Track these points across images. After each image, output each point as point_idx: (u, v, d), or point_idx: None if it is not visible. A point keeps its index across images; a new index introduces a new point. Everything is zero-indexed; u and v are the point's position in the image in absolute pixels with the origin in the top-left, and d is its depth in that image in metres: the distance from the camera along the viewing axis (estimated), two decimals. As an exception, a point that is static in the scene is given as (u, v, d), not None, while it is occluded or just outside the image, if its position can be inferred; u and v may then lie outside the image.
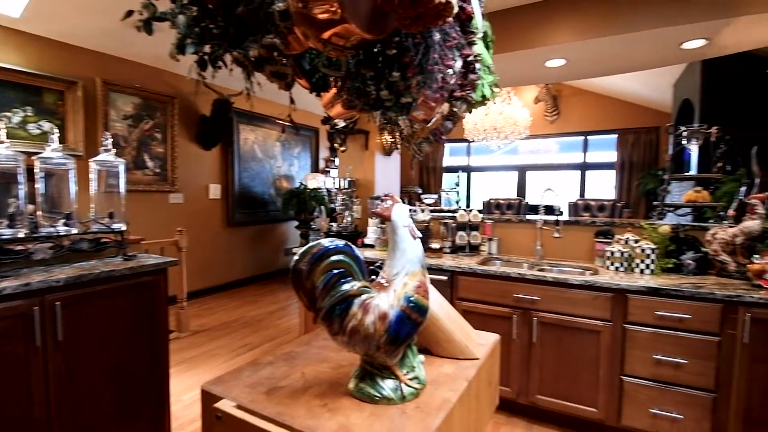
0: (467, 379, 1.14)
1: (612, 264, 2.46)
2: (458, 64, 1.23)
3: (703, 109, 4.47)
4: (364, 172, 3.49)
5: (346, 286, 0.95)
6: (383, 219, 1.03)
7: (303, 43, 1.00)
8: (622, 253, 2.42)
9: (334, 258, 0.94)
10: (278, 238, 5.89)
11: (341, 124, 1.72)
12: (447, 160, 9.03)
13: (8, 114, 3.42)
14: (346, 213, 3.28)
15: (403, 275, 1.01)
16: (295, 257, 0.91)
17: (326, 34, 0.92)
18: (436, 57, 0.91)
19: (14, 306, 1.56)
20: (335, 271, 0.93)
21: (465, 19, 1.22)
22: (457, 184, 4.71)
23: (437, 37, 0.93)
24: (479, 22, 1.22)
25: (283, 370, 1.21)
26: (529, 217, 3.09)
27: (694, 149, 2.64)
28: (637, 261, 2.38)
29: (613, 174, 7.38)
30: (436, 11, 0.77)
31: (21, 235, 1.74)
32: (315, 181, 5.31)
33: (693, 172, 3.70)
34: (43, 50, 3.60)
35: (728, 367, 1.97)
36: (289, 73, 1.03)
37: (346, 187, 3.34)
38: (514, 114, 6.35)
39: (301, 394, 1.06)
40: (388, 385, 1.01)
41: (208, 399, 1.10)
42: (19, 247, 1.79)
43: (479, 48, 1.34)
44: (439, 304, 1.33)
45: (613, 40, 2.85)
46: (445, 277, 2.61)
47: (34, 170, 1.84)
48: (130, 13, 1.18)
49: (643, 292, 2.10)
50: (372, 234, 3.21)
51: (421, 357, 1.13)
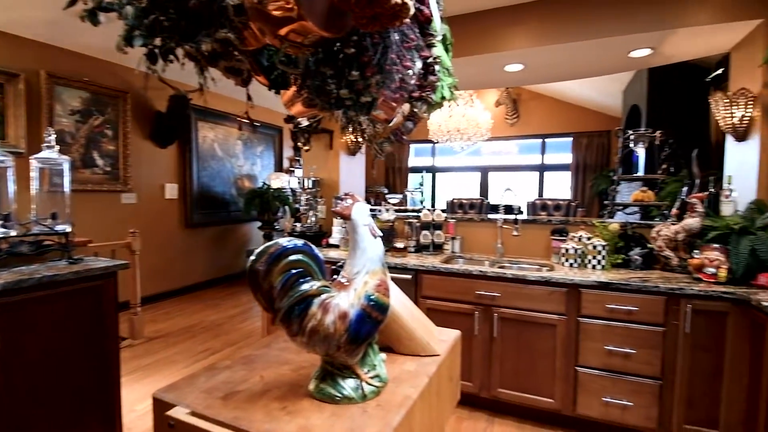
0: (428, 376, 1.15)
1: (567, 260, 2.57)
2: (418, 66, 1.25)
3: (650, 115, 4.77)
4: (329, 171, 3.46)
5: (305, 286, 0.94)
6: (343, 218, 1.03)
7: (260, 39, 0.98)
8: (576, 250, 2.53)
9: (293, 258, 0.92)
10: (240, 239, 5.73)
11: (305, 123, 1.70)
12: (412, 161, 9.12)
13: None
14: (311, 213, 3.24)
15: (363, 274, 1.01)
16: (252, 257, 0.89)
17: (283, 31, 0.90)
18: (394, 57, 0.91)
19: (-59, 316, 1.43)
20: (294, 271, 0.92)
21: (424, 21, 1.24)
22: (421, 184, 4.77)
23: (396, 37, 0.94)
24: (438, 25, 1.24)
25: (242, 374, 1.18)
26: (490, 216, 3.18)
27: (640, 152, 2.81)
28: (590, 257, 2.50)
29: (569, 175, 7.72)
30: (392, 12, 0.78)
31: (-51, 238, 1.60)
32: (279, 181, 5.21)
33: (640, 173, 3.93)
34: (-23, 38, 3.32)
35: (672, 355, 2.10)
36: (245, 69, 1.01)
37: (311, 186, 3.30)
38: (477, 116, 6.51)
39: (259, 398, 1.03)
40: (349, 385, 1.01)
41: (160, 407, 1.05)
42: (-52, 252, 1.64)
43: (438, 50, 1.36)
44: (401, 303, 1.34)
45: (567, 47, 2.99)
46: (410, 276, 2.64)
47: (-35, 168, 1.69)
48: (73, 2, 1.11)
49: (595, 286, 2.22)
50: (337, 234, 3.19)
51: (383, 355, 1.14)
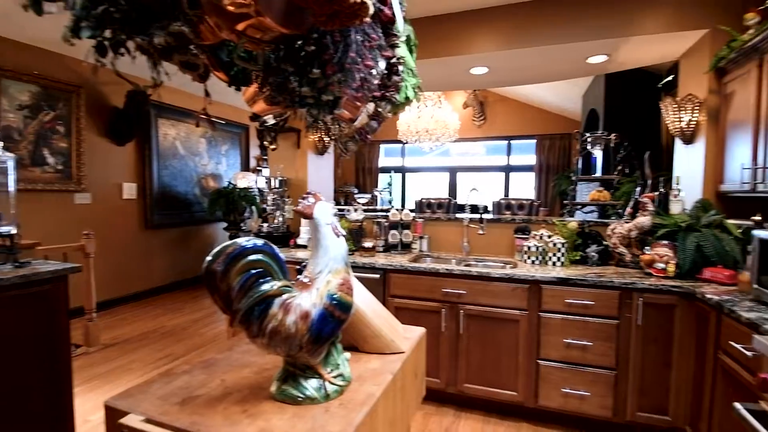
0: (392, 373, 1.16)
1: (529, 258, 2.66)
2: (381, 65, 1.25)
3: (606, 118, 5.00)
4: (296, 171, 3.41)
5: (265, 287, 0.92)
6: (305, 217, 1.02)
7: (217, 34, 0.95)
8: (538, 248, 2.62)
9: (252, 258, 0.91)
10: (204, 240, 5.55)
11: (271, 121, 1.67)
12: (382, 161, 9.14)
13: None
14: (278, 213, 3.18)
15: (326, 273, 1.01)
16: (209, 258, 0.87)
17: (240, 26, 0.89)
18: (353, 55, 0.92)
19: None
20: (253, 271, 0.90)
21: (387, 21, 1.25)
22: (390, 184, 4.79)
23: (357, 36, 0.94)
24: (401, 26, 1.25)
25: (201, 379, 1.15)
26: (457, 215, 3.23)
27: (597, 154, 2.94)
28: (550, 254, 2.59)
29: (533, 176, 7.98)
30: (351, 10, 0.78)
31: None
32: (245, 180, 5.09)
33: (598, 174, 4.12)
34: None
35: (626, 346, 2.22)
36: (201, 63, 0.98)
37: (277, 186, 3.24)
38: (445, 117, 6.62)
39: (219, 402, 1.01)
40: (311, 385, 1.00)
41: (113, 415, 1.01)
42: None
43: (402, 51, 1.38)
44: (366, 301, 1.34)
45: (528, 51, 3.08)
46: (378, 275, 2.64)
47: None
48: (14, -12, 1.04)
49: (555, 282, 2.30)
50: (305, 234, 3.15)
51: (347, 354, 1.14)
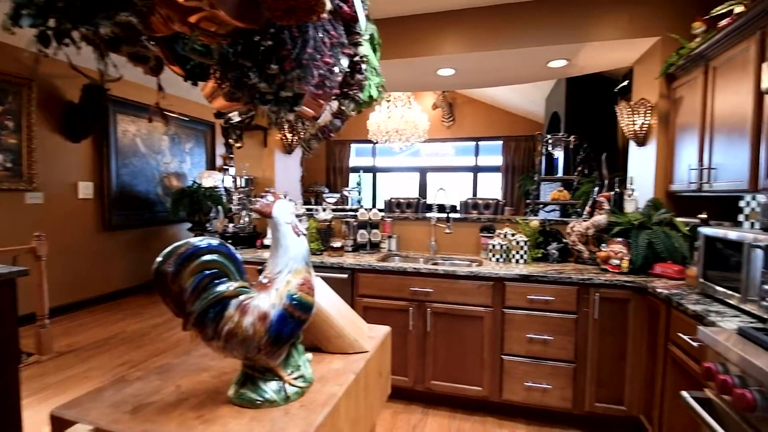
0: (355, 373, 1.16)
1: (494, 256, 2.72)
2: (344, 63, 1.25)
3: (567, 121, 5.19)
4: (263, 170, 3.35)
5: (220, 288, 0.90)
6: (264, 216, 1.00)
7: (169, 26, 0.92)
8: (502, 246, 2.69)
9: (207, 258, 0.88)
10: (167, 241, 5.35)
11: (236, 118, 1.63)
12: (353, 161, 9.12)
13: None
14: (243, 213, 3.11)
15: (286, 273, 0.99)
16: (159, 259, 0.84)
17: (193, 19, 0.86)
18: (311, 51, 0.91)
19: None
20: (207, 272, 0.88)
21: (349, 19, 1.24)
22: (359, 184, 4.78)
23: (315, 32, 0.93)
24: (363, 24, 1.25)
25: (155, 385, 1.11)
26: (424, 215, 3.27)
27: (557, 154, 3.05)
28: (514, 252, 2.67)
29: (499, 176, 8.18)
30: (307, 5, 0.77)
31: None
32: (211, 179, 4.95)
33: (560, 174, 4.28)
34: None
35: (584, 340, 2.31)
36: (151, 56, 0.94)
37: (243, 185, 3.17)
38: (415, 118, 6.67)
39: (173, 409, 0.97)
40: (271, 388, 0.98)
41: (60, 425, 0.96)
42: None
43: (365, 49, 1.38)
44: (330, 301, 1.33)
45: (493, 54, 3.16)
46: (346, 275, 2.63)
47: None
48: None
49: (517, 279, 2.37)
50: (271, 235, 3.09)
51: (309, 355, 1.12)
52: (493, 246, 2.72)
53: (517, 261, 2.66)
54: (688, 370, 1.69)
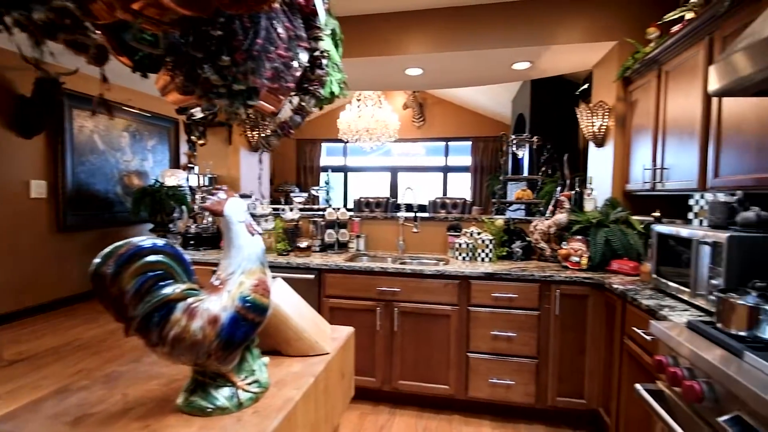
0: (314, 376, 1.13)
1: (460, 254, 2.75)
2: (303, 58, 1.22)
3: (532, 122, 5.33)
4: (228, 168, 3.25)
5: (166, 290, 0.85)
6: (214, 215, 0.96)
7: (112, 12, 0.86)
8: (468, 245, 2.72)
9: (150, 259, 0.83)
10: (128, 243, 5.11)
11: (198, 114, 1.56)
12: (324, 160, 9.03)
13: None
14: (207, 213, 3.01)
15: (239, 274, 0.96)
16: (97, 260, 0.78)
17: (136, 5, 0.81)
18: (262, 42, 0.87)
19: None
20: (151, 274, 0.83)
21: (309, 13, 1.21)
22: (327, 183, 4.73)
23: (268, 23, 0.90)
24: (322, 18, 1.22)
25: (100, 394, 1.04)
26: (392, 214, 3.26)
27: (521, 154, 3.11)
28: (479, 251, 2.70)
29: (469, 176, 8.31)
30: (256, -5, 0.74)
31: None
32: (174, 178, 4.76)
33: (525, 174, 4.38)
34: None
35: (546, 336, 2.36)
36: (91, 44, 0.88)
37: (207, 184, 3.07)
38: (385, 117, 6.68)
39: (118, 419, 0.92)
40: (222, 394, 0.94)
41: (-12, 443, 0.88)
42: None
43: (326, 44, 1.35)
44: (290, 303, 1.30)
45: (459, 55, 3.19)
46: (313, 276, 2.59)
47: None
48: None
49: (483, 277, 2.40)
50: (236, 235, 3.00)
51: (265, 359, 1.09)
52: (460, 245, 2.75)
53: (483, 259, 2.70)
54: (642, 363, 1.76)
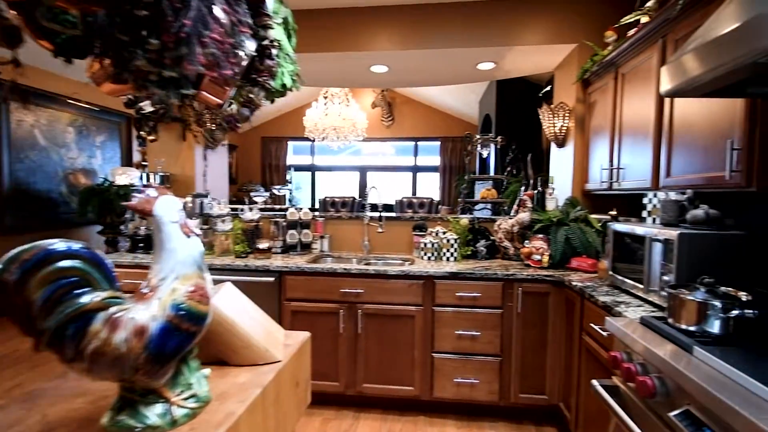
0: (262, 386, 1.05)
1: (425, 254, 2.72)
2: (251, 47, 1.14)
3: (498, 123, 5.41)
4: (182, 166, 3.08)
5: (83, 299, 0.75)
6: (143, 215, 0.87)
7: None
8: (433, 244, 2.70)
9: (63, 264, 0.73)
10: (77, 246, 4.78)
11: (148, 108, 1.44)
12: (291, 159, 8.84)
13: None
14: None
15: (171, 280, 0.87)
16: (-4, 266, 0.68)
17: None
18: (189, 23, 0.79)
19: None
20: (64, 281, 0.73)
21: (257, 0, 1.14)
22: (290, 181, 4.60)
23: (200, 3, 0.82)
24: (270, 5, 1.14)
25: (16, 415, 0.93)
26: (357, 214, 3.20)
27: (485, 154, 3.13)
28: (444, 250, 2.69)
29: (437, 176, 8.36)
30: (180, -32, 0.66)
31: None
32: (126, 177, 4.48)
33: (491, 174, 4.43)
34: None
35: (509, 334, 2.37)
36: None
37: (159, 183, 2.89)
38: (353, 116, 6.60)
39: (29, 446, 0.81)
40: (154, 412, 0.85)
41: None
42: None
43: (278, 34, 1.27)
44: (239, 308, 1.21)
45: (424, 53, 3.17)
46: (273, 278, 2.48)
47: None
48: None
49: (447, 277, 2.38)
50: (191, 236, 2.85)
51: (205, 371, 1.00)
52: (425, 244, 2.72)
53: (448, 259, 2.69)
54: (600, 358, 1.78)
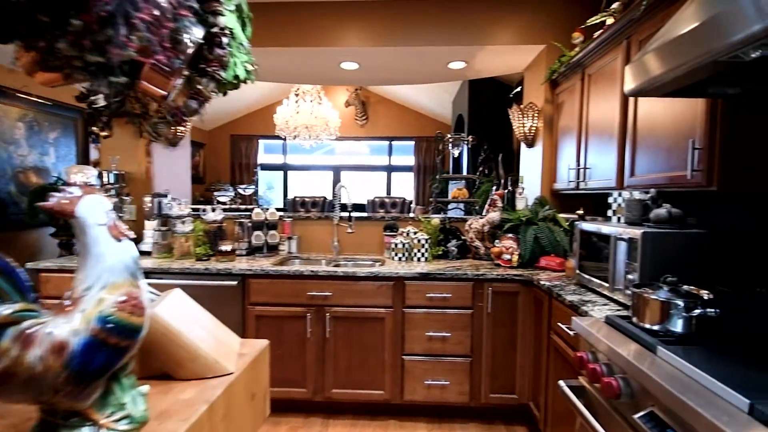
0: (209, 402, 0.97)
1: (396, 254, 2.67)
2: (198, 33, 1.05)
3: (471, 123, 5.44)
4: (139, 164, 2.92)
5: (-14, 313, 0.66)
6: (63, 216, 0.77)
7: None
8: (404, 245, 2.65)
9: (-42, 274, 0.63)
10: (25, 250, 4.46)
11: (101, 102, 1.32)
12: (262, 157, 8.63)
13: None
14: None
15: (98, 289, 0.78)
16: None
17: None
18: (111, 0, 0.71)
19: None
20: (-42, 294, 0.63)
21: (204, -18, 1.05)
22: (256, 181, 4.48)
23: (127, -20, 0.73)
24: (219, -12, 1.06)
25: None
26: (327, 214, 3.12)
27: (456, 153, 3.12)
28: (415, 250, 2.65)
29: (412, 176, 8.35)
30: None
31: None
32: (82, 176, 4.23)
33: (464, 173, 4.43)
34: None
35: (479, 334, 2.36)
36: None
37: (113, 182, 2.72)
38: (326, 114, 6.49)
39: (-75, 483, 0.70)
40: (79, 437, 0.76)
41: None
42: None
43: (229, 21, 1.19)
44: (185, 317, 1.12)
45: (395, 51, 3.13)
46: (235, 282, 2.37)
47: None
48: None
49: (417, 277, 2.34)
50: (150, 239, 2.70)
51: (143, 388, 0.91)
52: (396, 245, 2.68)
53: (419, 259, 2.65)
54: (567, 358, 1.78)
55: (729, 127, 1.38)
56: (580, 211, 2.46)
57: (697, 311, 1.19)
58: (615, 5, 2.22)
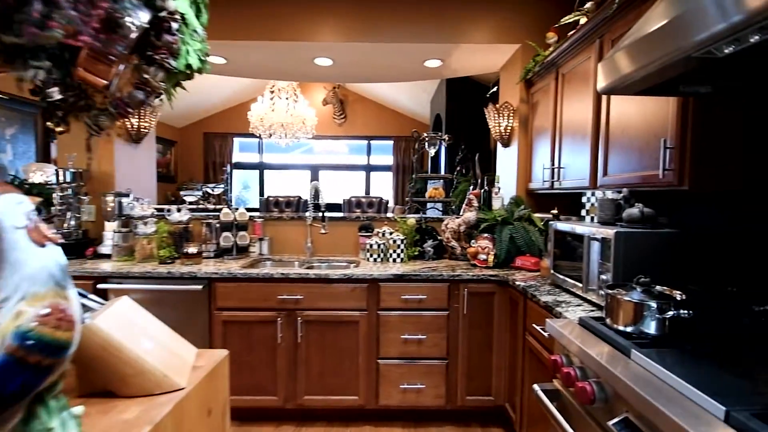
0: (153, 423, 0.88)
1: (371, 255, 2.61)
2: (143, 17, 0.96)
3: (448, 123, 5.42)
4: (99, 162, 2.76)
5: None
6: (-29, 218, 0.67)
7: None
8: (379, 245, 2.59)
9: None
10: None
11: (57, 95, 1.20)
12: (237, 156, 8.42)
13: None
14: (69, 215, 2.50)
15: (16, 301, 0.68)
16: None
17: None
18: None
19: None
20: None
21: (150, -40, 0.96)
22: (226, 180, 4.33)
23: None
24: (167, -31, 0.97)
25: None
26: (300, 214, 3.03)
27: (432, 152, 3.08)
28: (391, 251, 2.59)
29: (391, 175, 8.31)
30: None
31: None
32: (42, 174, 3.99)
33: (442, 173, 4.40)
34: None
35: (455, 335, 2.31)
36: None
37: (69, 180, 2.56)
38: (302, 113, 6.37)
39: None
40: (-7, 471, 0.66)
41: None
42: None
43: (181, 6, 1.10)
44: (131, 328, 1.03)
45: (371, 47, 3.06)
46: (201, 286, 2.26)
47: None
48: None
49: (392, 279, 2.28)
50: (110, 241, 2.55)
51: (77, 409, 0.81)
52: (371, 246, 2.61)
53: (395, 260, 2.59)
54: (542, 360, 1.76)
55: (700, 126, 1.37)
56: (555, 211, 2.46)
57: (671, 313, 1.17)
58: (588, 5, 2.22)
